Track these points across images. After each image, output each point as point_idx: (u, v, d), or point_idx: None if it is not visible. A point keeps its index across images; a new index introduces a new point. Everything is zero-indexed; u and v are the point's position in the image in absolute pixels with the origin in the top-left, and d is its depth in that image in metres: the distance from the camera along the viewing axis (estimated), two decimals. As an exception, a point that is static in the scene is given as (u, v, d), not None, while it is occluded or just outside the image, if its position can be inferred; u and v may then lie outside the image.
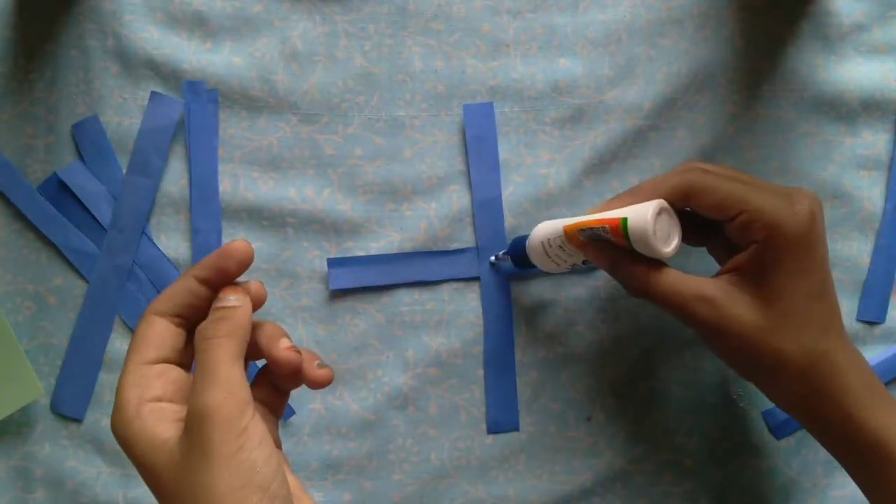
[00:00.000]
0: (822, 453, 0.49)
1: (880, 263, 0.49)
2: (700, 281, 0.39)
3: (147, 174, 0.47)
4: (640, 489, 0.48)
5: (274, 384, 0.37)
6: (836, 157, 0.49)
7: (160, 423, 0.32)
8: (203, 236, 0.47)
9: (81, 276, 0.47)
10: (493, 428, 0.48)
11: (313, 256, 0.48)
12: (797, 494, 0.48)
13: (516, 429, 0.48)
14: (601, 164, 0.48)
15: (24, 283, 0.47)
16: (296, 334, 0.47)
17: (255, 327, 0.35)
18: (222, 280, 0.35)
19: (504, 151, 0.48)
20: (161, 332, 0.34)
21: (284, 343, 0.35)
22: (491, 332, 0.48)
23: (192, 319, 0.35)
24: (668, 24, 0.49)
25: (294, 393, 0.47)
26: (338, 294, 0.48)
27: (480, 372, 0.48)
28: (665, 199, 0.39)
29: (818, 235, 0.39)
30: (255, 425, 0.31)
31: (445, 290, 0.48)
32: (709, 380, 0.49)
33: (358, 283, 0.47)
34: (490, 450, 0.48)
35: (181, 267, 0.47)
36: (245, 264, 0.35)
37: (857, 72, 0.49)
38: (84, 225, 0.47)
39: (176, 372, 0.34)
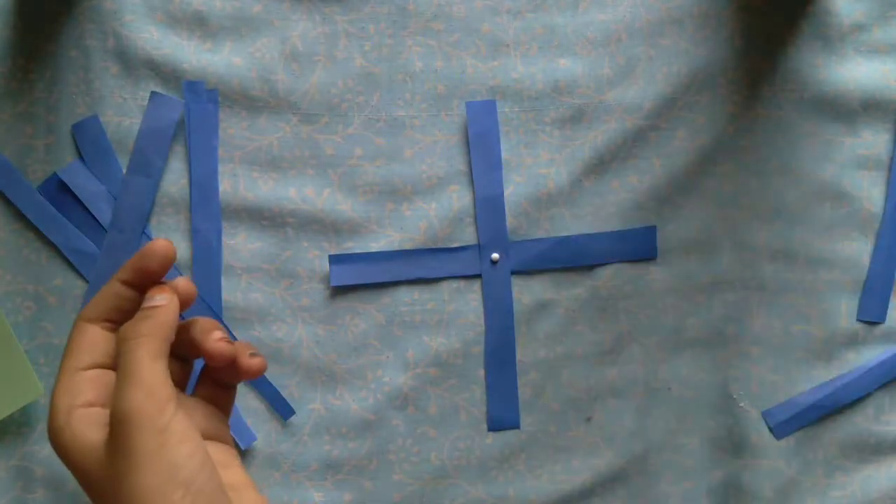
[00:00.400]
0: (822, 453, 0.49)
1: (880, 263, 0.49)
2: None
3: (147, 174, 0.47)
4: (640, 489, 0.48)
5: (216, 380, 0.37)
6: (836, 157, 0.49)
7: (90, 427, 0.32)
8: (203, 236, 0.47)
9: (81, 276, 0.47)
10: (494, 425, 0.48)
11: (313, 256, 0.48)
12: (797, 494, 0.48)
13: (517, 426, 0.48)
14: (601, 164, 0.48)
15: (25, 284, 0.47)
16: (296, 334, 0.47)
17: (188, 324, 0.35)
18: (146, 280, 0.35)
19: (504, 151, 0.48)
20: (91, 338, 0.34)
21: (216, 335, 0.35)
22: (492, 332, 0.48)
23: (121, 323, 0.35)
24: (668, 24, 0.49)
25: (294, 393, 0.47)
26: (338, 294, 0.48)
27: (481, 372, 0.48)
28: None
29: None
30: (177, 423, 0.31)
31: (445, 290, 0.48)
32: (709, 380, 0.49)
33: (359, 280, 0.47)
34: (490, 450, 0.48)
35: (181, 267, 0.47)
36: (167, 263, 0.35)
37: (857, 72, 0.49)
38: (84, 225, 0.47)
39: (109, 376, 0.34)
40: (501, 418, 0.48)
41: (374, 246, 0.48)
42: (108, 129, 0.47)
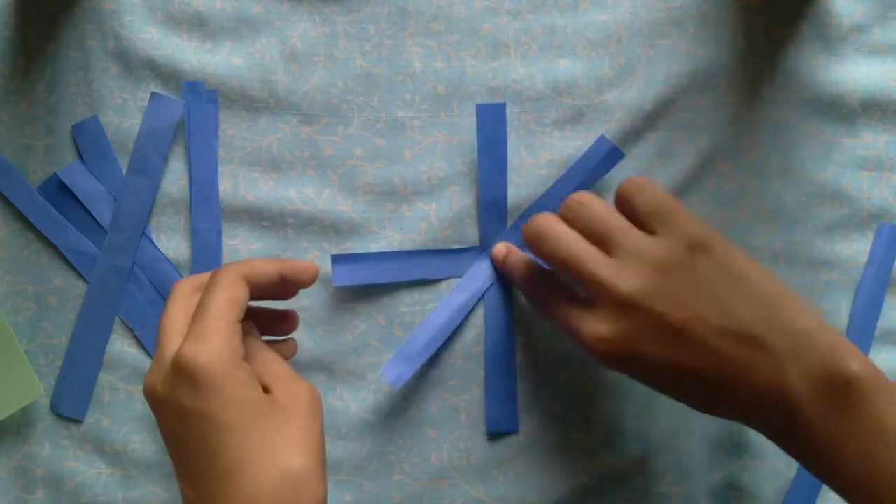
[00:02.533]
0: (822, 453, 0.49)
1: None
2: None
3: (147, 174, 0.47)
4: (640, 489, 0.48)
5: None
6: (836, 157, 0.49)
7: (253, 380, 0.37)
8: (203, 236, 0.47)
9: (81, 277, 0.47)
10: (493, 429, 0.48)
11: (313, 257, 0.48)
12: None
13: (516, 430, 0.48)
14: (601, 165, 0.48)
15: (25, 284, 0.47)
16: (296, 335, 0.47)
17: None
18: (291, 289, 0.41)
19: (504, 152, 0.48)
20: (245, 298, 0.38)
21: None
22: (492, 333, 0.48)
23: (253, 295, 0.39)
24: (668, 25, 0.49)
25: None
26: (338, 295, 0.48)
27: (481, 372, 0.48)
28: None
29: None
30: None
31: (446, 291, 0.48)
32: (709, 380, 0.49)
33: (362, 280, 0.47)
34: (490, 450, 0.48)
35: (181, 267, 0.47)
36: (305, 287, 0.42)
37: (857, 72, 0.49)
38: (84, 225, 0.47)
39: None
40: (500, 424, 0.48)
41: (375, 246, 0.48)
42: (108, 130, 0.47)
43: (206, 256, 0.47)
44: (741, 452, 0.48)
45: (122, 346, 0.47)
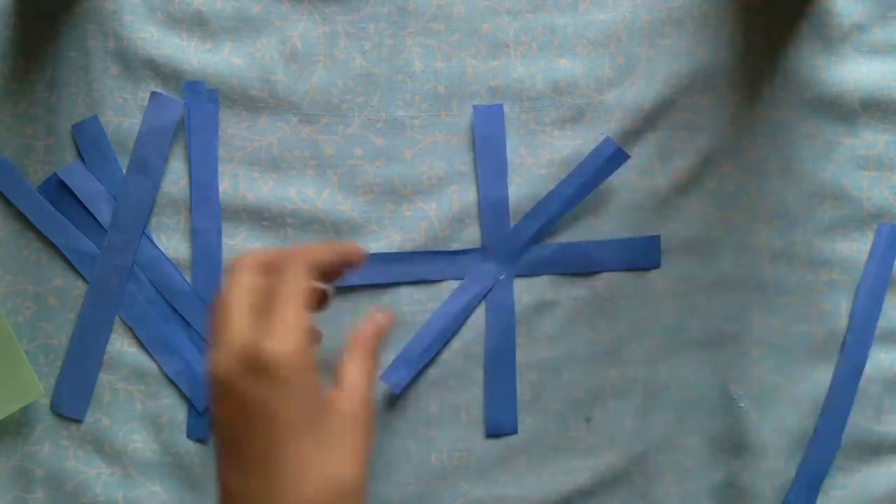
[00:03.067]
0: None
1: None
2: None
3: (147, 174, 0.47)
4: (640, 489, 0.48)
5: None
6: (836, 157, 0.49)
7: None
8: (203, 236, 0.47)
9: (81, 277, 0.47)
10: (492, 431, 0.48)
11: (313, 257, 0.48)
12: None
13: (514, 431, 0.48)
14: (601, 165, 0.48)
15: (25, 284, 0.47)
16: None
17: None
18: (339, 269, 0.41)
19: (504, 152, 0.48)
20: (313, 291, 0.38)
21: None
22: (492, 333, 0.48)
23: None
24: (668, 24, 0.49)
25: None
26: (338, 294, 0.48)
27: (481, 372, 0.48)
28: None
29: None
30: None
31: (446, 291, 0.48)
32: (709, 380, 0.49)
33: (363, 280, 0.47)
34: (490, 450, 0.48)
35: (181, 267, 0.47)
36: (355, 269, 0.41)
37: (857, 72, 0.49)
38: (84, 225, 0.47)
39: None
40: (499, 424, 0.48)
41: (375, 246, 0.48)
42: (108, 130, 0.47)
43: (206, 256, 0.47)
44: (741, 452, 0.48)
45: (122, 346, 0.47)
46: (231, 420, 0.35)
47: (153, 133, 0.47)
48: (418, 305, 0.48)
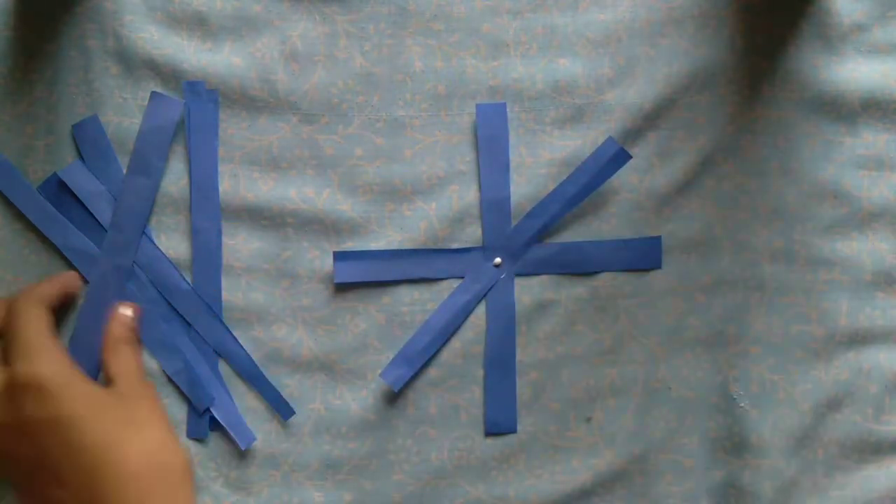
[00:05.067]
0: (822, 453, 0.49)
1: None
2: None
3: (147, 174, 0.47)
4: (640, 489, 0.48)
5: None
6: (836, 157, 0.49)
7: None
8: (203, 236, 0.47)
9: (81, 277, 0.47)
10: (491, 430, 0.48)
11: (313, 256, 0.48)
12: (797, 494, 0.48)
13: (514, 431, 0.48)
14: (601, 164, 0.48)
15: (25, 284, 0.47)
16: (296, 334, 0.47)
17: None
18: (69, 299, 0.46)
19: (504, 151, 0.48)
20: (48, 316, 0.43)
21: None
22: (493, 332, 0.48)
23: None
24: (668, 24, 0.49)
25: (294, 393, 0.47)
26: (338, 294, 0.48)
27: (481, 372, 0.48)
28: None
29: None
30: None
31: (446, 291, 0.48)
32: (709, 380, 0.49)
33: (363, 277, 0.47)
34: (490, 450, 0.48)
35: (181, 267, 0.47)
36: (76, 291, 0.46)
37: (857, 72, 0.49)
38: (84, 225, 0.47)
39: None
40: (499, 423, 0.48)
41: (375, 246, 0.48)
42: (108, 130, 0.47)
43: (206, 256, 0.47)
44: (741, 452, 0.48)
45: (121, 346, 0.47)
46: (15, 451, 0.38)
47: (153, 133, 0.47)
48: (418, 304, 0.48)
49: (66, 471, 0.38)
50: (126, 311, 0.45)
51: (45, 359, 0.39)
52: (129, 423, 0.39)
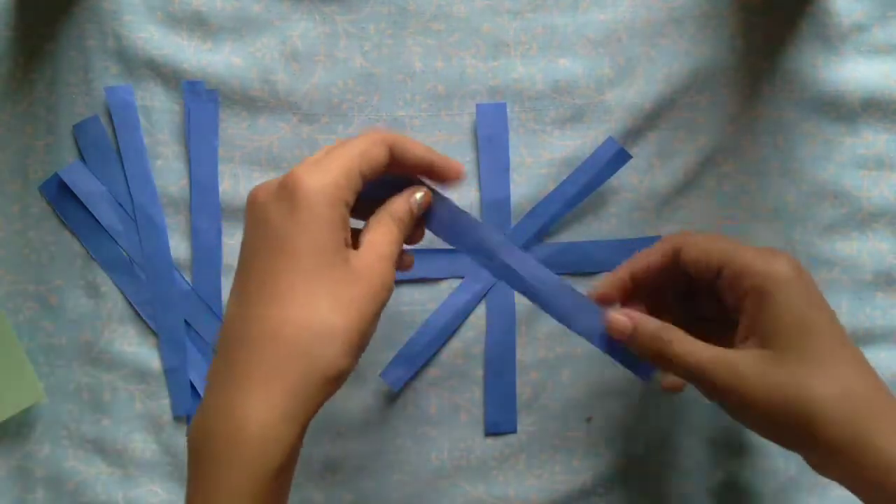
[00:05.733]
0: (822, 453, 0.49)
1: None
2: (715, 349, 0.38)
3: (142, 166, 0.47)
4: (640, 489, 0.48)
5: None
6: (836, 157, 0.49)
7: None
8: (203, 236, 0.47)
9: (83, 277, 0.47)
10: (491, 429, 0.48)
11: (313, 256, 0.47)
12: (797, 494, 0.48)
13: (514, 431, 0.48)
14: (601, 164, 0.48)
15: (25, 284, 0.47)
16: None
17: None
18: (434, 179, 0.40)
19: (504, 151, 0.48)
20: (381, 161, 0.37)
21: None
22: (493, 333, 0.48)
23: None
24: (668, 24, 0.49)
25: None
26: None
27: (480, 372, 0.48)
28: (657, 259, 0.40)
29: (808, 278, 0.37)
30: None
31: (446, 290, 0.48)
32: (709, 380, 0.49)
33: None
34: (490, 450, 0.48)
35: (181, 267, 0.47)
36: (447, 184, 0.40)
37: (857, 72, 0.49)
38: (84, 225, 0.47)
39: None
40: (499, 423, 0.48)
41: (375, 246, 0.48)
42: (108, 129, 0.47)
43: (206, 256, 0.47)
44: (741, 452, 0.48)
45: (122, 346, 0.47)
46: (251, 243, 0.35)
47: (123, 126, 0.47)
48: (418, 304, 0.48)
49: (249, 285, 0.35)
50: (417, 195, 0.39)
51: (321, 178, 0.34)
52: (326, 293, 0.34)
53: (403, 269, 0.40)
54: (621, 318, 0.39)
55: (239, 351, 0.34)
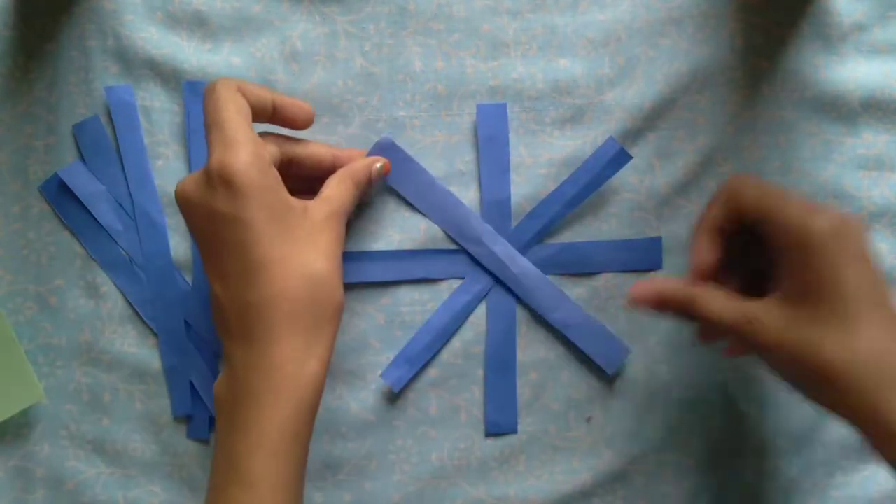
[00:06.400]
0: (822, 453, 0.49)
1: None
2: (737, 302, 0.38)
3: (142, 166, 0.47)
4: (640, 489, 0.48)
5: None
6: (836, 157, 0.49)
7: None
8: (203, 236, 0.47)
9: (83, 277, 0.47)
10: (491, 430, 0.48)
11: (313, 256, 0.48)
12: (797, 494, 0.48)
13: (514, 431, 0.48)
14: (601, 165, 0.48)
15: (25, 284, 0.47)
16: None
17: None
18: (280, 124, 0.43)
19: (504, 151, 0.48)
20: (248, 108, 0.41)
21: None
22: (493, 333, 0.48)
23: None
24: (668, 24, 0.49)
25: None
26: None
27: (481, 372, 0.48)
28: (720, 211, 0.40)
29: (852, 235, 0.36)
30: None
31: (446, 291, 0.48)
32: (709, 380, 0.49)
33: (363, 278, 0.47)
34: (490, 450, 0.48)
35: (181, 267, 0.47)
36: (297, 128, 0.44)
37: (857, 72, 0.49)
38: (84, 225, 0.47)
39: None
40: (499, 424, 0.48)
41: (375, 246, 0.48)
42: (108, 130, 0.47)
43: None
44: (741, 452, 0.48)
45: (122, 346, 0.47)
46: (204, 233, 0.39)
47: (124, 125, 0.47)
48: (418, 305, 0.48)
49: (229, 267, 0.38)
50: (377, 164, 0.45)
51: (243, 155, 0.38)
52: (301, 245, 0.39)
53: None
54: (646, 285, 0.41)
55: (248, 317, 0.38)
